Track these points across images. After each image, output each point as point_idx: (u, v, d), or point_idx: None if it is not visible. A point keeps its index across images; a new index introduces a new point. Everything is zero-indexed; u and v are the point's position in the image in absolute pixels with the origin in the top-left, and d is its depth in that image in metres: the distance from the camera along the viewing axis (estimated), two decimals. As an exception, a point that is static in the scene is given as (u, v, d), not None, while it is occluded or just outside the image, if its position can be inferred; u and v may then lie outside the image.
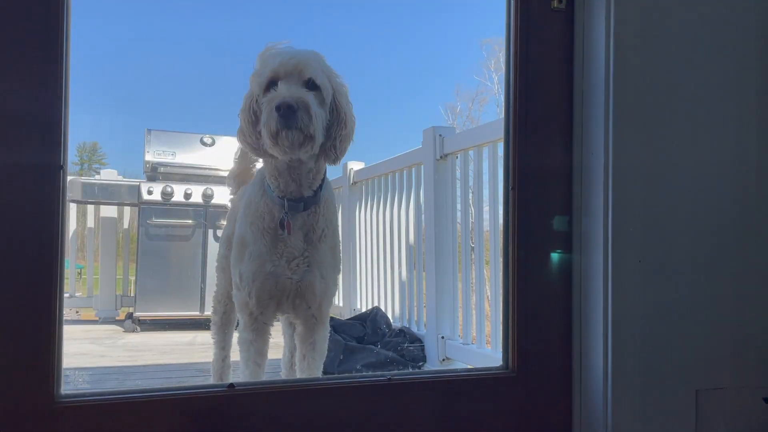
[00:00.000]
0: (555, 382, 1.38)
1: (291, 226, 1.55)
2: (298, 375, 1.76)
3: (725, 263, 1.39)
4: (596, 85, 1.35)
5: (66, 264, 2.21)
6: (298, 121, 1.40)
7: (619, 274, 1.31)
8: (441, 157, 3.11)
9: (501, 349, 1.50)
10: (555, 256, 1.39)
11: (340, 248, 1.73)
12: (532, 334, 1.37)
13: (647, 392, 1.33)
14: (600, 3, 1.34)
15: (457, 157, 3.09)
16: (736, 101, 1.40)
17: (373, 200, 4.12)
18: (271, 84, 1.45)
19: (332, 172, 1.49)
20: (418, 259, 3.46)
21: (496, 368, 1.40)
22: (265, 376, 1.74)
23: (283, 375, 2.17)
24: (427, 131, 3.20)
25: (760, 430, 1.39)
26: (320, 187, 1.60)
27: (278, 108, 1.39)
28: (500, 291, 2.15)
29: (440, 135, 3.12)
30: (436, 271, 3.10)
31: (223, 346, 2.14)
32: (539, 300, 1.38)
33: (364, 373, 1.80)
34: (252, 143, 1.53)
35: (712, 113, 1.39)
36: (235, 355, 2.34)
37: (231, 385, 1.17)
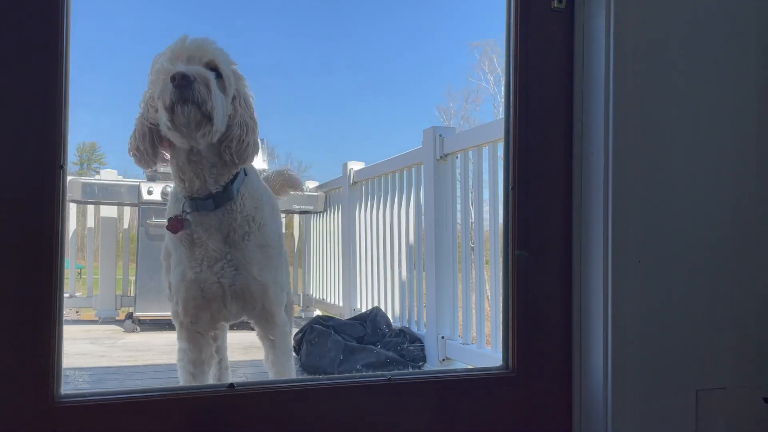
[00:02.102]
0: (555, 382, 1.38)
1: (180, 225, 1.45)
2: (270, 377, 1.68)
3: (725, 263, 1.39)
4: (596, 85, 1.35)
5: (66, 264, 2.21)
6: (195, 94, 1.28)
7: (619, 274, 1.31)
8: (441, 157, 3.11)
9: (501, 349, 1.50)
10: (554, 257, 1.39)
11: (279, 244, 1.62)
12: (532, 334, 1.37)
13: (647, 392, 1.33)
14: (600, 3, 1.34)
15: (457, 157, 3.09)
16: (736, 101, 1.40)
17: (373, 200, 4.12)
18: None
19: (332, 171, 1.46)
20: (418, 259, 3.45)
21: (496, 368, 1.40)
22: (255, 377, 1.72)
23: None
24: (427, 131, 3.20)
25: (760, 430, 1.39)
26: (231, 182, 1.48)
27: (173, 78, 1.27)
28: (500, 291, 2.15)
29: (440, 135, 3.12)
30: (436, 271, 3.10)
31: (217, 350, 2.15)
32: (539, 300, 1.38)
33: (364, 373, 1.79)
34: (134, 144, 1.40)
35: (712, 113, 1.39)
36: (233, 355, 2.34)
37: (231, 385, 1.17)
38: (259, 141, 1.49)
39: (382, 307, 3.75)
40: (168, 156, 1.47)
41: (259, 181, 1.62)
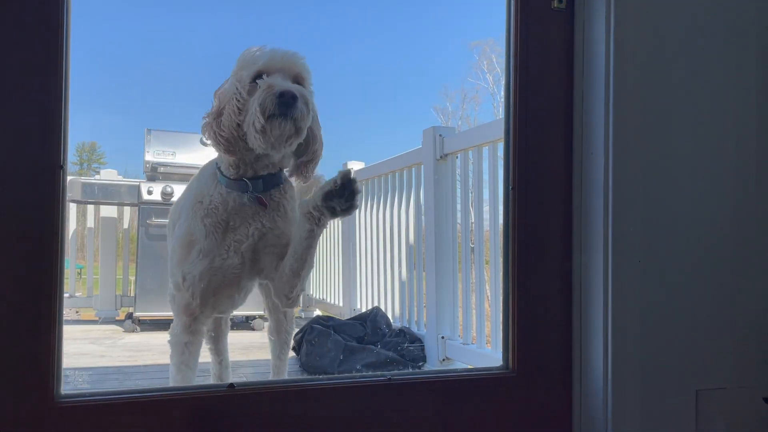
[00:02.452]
0: (555, 381, 1.38)
1: (265, 201, 1.50)
2: (271, 348, 1.83)
3: (725, 263, 1.39)
4: (596, 84, 1.35)
5: (66, 264, 2.21)
6: (296, 112, 1.36)
7: (619, 274, 1.31)
8: (441, 157, 3.11)
9: (501, 349, 1.50)
10: (555, 256, 1.39)
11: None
12: (532, 334, 1.37)
13: (647, 392, 1.33)
14: (600, 3, 1.34)
15: (457, 157, 3.09)
16: (735, 101, 1.40)
17: (373, 200, 4.12)
18: (257, 78, 1.40)
19: (332, 171, 1.47)
20: (418, 259, 3.45)
21: (496, 368, 1.40)
22: (255, 377, 1.73)
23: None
24: (427, 131, 3.20)
25: (760, 430, 1.39)
26: (280, 169, 1.56)
27: (281, 95, 1.34)
28: (500, 291, 2.15)
29: (440, 135, 3.12)
30: (436, 271, 3.10)
31: (218, 352, 2.18)
32: (539, 300, 1.38)
33: (364, 373, 1.80)
34: (228, 134, 1.43)
35: (711, 113, 1.39)
36: (233, 355, 2.34)
37: (231, 385, 1.17)
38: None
39: (382, 307, 3.75)
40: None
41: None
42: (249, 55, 1.45)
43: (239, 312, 4.16)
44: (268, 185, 1.52)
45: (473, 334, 2.92)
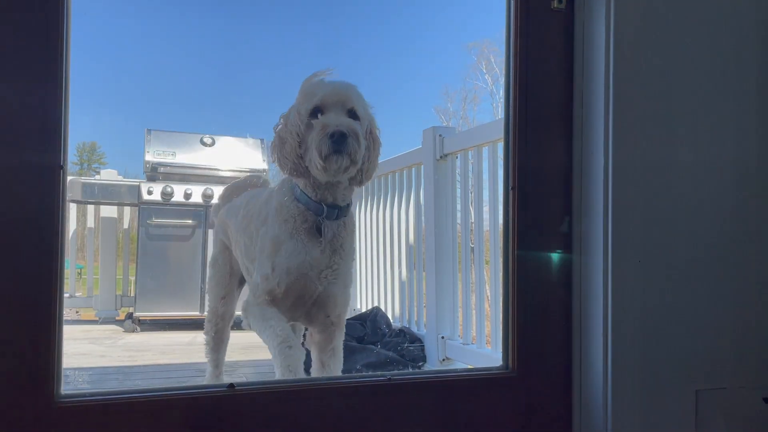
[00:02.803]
0: (555, 381, 1.38)
1: (325, 231, 1.64)
2: (320, 374, 1.77)
3: (725, 263, 1.39)
4: (596, 84, 1.35)
5: (66, 264, 2.21)
6: (349, 148, 1.51)
7: (619, 274, 1.31)
8: (441, 157, 3.11)
9: (501, 349, 1.50)
10: (555, 256, 1.39)
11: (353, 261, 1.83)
12: (532, 334, 1.37)
13: (647, 392, 1.33)
14: (600, 3, 1.34)
15: (457, 157, 3.09)
16: (736, 101, 1.40)
17: (373, 200, 4.12)
18: (316, 111, 1.57)
19: None
20: (418, 259, 3.45)
21: (496, 368, 1.40)
22: (255, 377, 1.73)
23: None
24: (427, 131, 3.20)
25: (760, 430, 1.39)
26: (351, 201, 1.71)
27: (332, 135, 1.50)
28: (500, 291, 2.14)
29: (440, 135, 3.12)
30: (436, 271, 3.10)
31: (216, 364, 2.18)
32: (539, 300, 1.38)
33: (363, 373, 1.80)
34: (292, 163, 1.61)
35: (711, 113, 1.39)
36: (232, 356, 2.34)
37: (231, 385, 1.17)
38: (260, 141, 1.61)
39: (382, 307, 3.75)
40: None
41: None
42: (308, 87, 1.62)
43: (239, 311, 4.16)
44: (340, 215, 1.66)
45: (473, 334, 2.92)
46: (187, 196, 4.30)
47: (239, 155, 4.68)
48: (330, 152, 1.51)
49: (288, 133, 1.61)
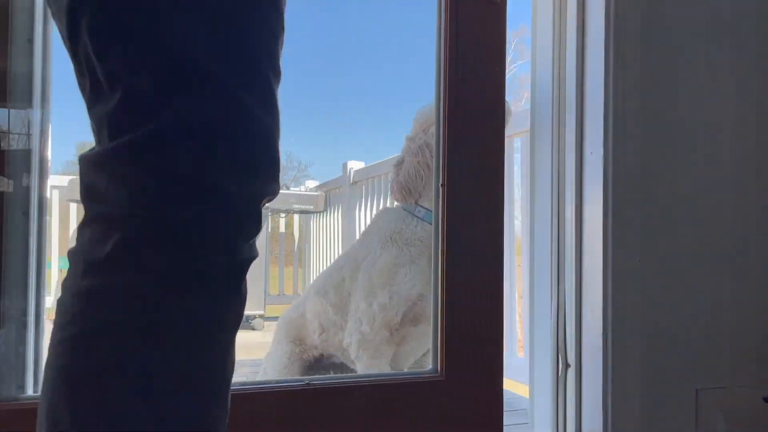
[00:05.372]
0: (485, 385, 1.32)
1: None
2: None
3: (725, 263, 1.39)
4: (596, 83, 1.35)
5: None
6: None
7: (619, 274, 1.31)
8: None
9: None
10: (483, 261, 1.33)
11: None
12: (460, 337, 1.30)
13: (647, 392, 1.33)
14: (600, 2, 1.34)
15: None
16: (736, 99, 1.40)
17: (373, 200, 4.11)
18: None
19: (332, 171, 1.51)
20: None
21: (425, 372, 1.34)
22: (255, 377, 1.72)
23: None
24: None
25: (760, 430, 1.39)
26: None
27: None
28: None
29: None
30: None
31: None
32: (469, 302, 1.31)
33: (279, 379, 1.70)
34: (404, 185, 1.73)
35: (712, 111, 1.39)
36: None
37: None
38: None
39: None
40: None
41: None
42: (421, 117, 1.74)
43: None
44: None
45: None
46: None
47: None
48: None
49: (406, 158, 1.74)
